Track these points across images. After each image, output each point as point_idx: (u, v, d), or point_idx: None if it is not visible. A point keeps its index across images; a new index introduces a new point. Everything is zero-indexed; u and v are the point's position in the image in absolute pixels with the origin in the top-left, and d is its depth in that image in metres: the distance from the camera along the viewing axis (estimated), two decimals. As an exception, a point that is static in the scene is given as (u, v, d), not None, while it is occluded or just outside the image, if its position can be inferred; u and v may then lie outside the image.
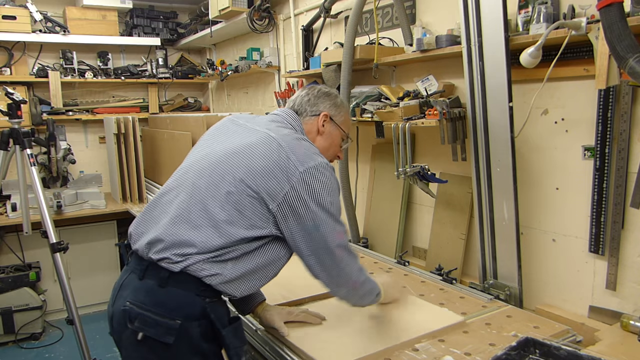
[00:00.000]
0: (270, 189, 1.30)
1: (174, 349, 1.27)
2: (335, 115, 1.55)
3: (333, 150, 1.58)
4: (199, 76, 4.81)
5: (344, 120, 1.58)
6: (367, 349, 1.44)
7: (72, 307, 2.65)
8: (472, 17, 1.83)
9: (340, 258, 1.37)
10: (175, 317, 1.27)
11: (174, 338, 1.26)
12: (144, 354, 1.30)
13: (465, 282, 2.06)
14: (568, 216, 1.84)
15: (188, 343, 1.29)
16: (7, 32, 3.86)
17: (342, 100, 1.60)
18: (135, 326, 1.28)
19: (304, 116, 1.54)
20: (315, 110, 1.54)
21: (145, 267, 1.34)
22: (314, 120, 1.53)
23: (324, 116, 1.53)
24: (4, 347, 3.59)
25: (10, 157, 2.82)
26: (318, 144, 1.52)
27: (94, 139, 4.62)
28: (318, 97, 1.55)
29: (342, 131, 1.57)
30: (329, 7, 2.88)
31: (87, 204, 3.89)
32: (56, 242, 2.64)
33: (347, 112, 1.61)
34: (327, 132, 1.54)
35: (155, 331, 1.27)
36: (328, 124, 1.54)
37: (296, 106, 1.56)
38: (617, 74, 1.55)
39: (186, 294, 1.30)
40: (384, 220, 2.66)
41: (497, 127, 1.83)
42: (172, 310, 1.28)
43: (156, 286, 1.31)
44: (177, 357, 1.29)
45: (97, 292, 4.17)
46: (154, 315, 1.28)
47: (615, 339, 1.54)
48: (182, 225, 1.32)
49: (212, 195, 1.33)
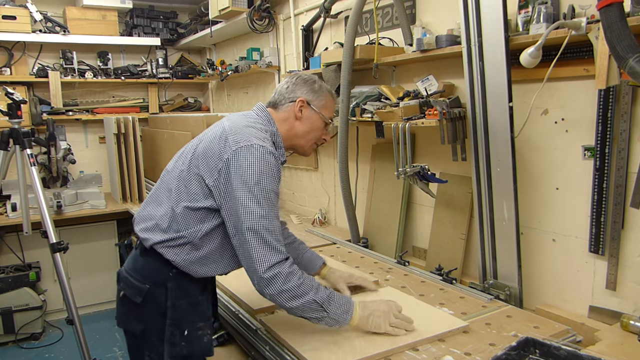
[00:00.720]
0: (208, 166, 1.44)
1: (142, 307, 1.51)
2: (313, 101, 1.59)
3: (314, 134, 1.62)
4: (199, 76, 4.81)
5: (324, 105, 1.60)
6: (367, 351, 1.44)
7: (72, 307, 2.65)
8: (472, 17, 1.83)
9: (248, 242, 1.37)
10: (145, 282, 1.51)
11: (142, 299, 1.50)
12: (124, 308, 1.58)
13: (465, 282, 2.06)
14: (568, 216, 1.84)
15: (154, 305, 1.51)
16: (7, 32, 3.87)
17: (321, 86, 1.62)
18: (120, 286, 1.58)
19: (282, 104, 1.59)
20: (292, 97, 1.58)
21: (138, 240, 1.59)
22: (290, 107, 1.58)
23: (300, 102, 1.57)
24: (4, 347, 3.60)
25: (10, 157, 2.82)
26: (297, 128, 1.59)
27: (94, 139, 4.62)
28: (296, 84, 1.60)
29: (321, 115, 1.60)
30: (329, 7, 2.88)
31: (87, 204, 3.89)
32: (56, 242, 2.64)
33: (328, 96, 1.62)
34: (305, 117, 1.59)
35: (131, 291, 1.53)
36: (305, 109, 1.58)
37: (276, 95, 1.63)
38: (617, 74, 1.55)
39: (156, 264, 1.51)
40: (384, 220, 2.66)
41: (497, 127, 1.83)
42: (144, 276, 1.52)
43: (139, 255, 1.57)
44: (144, 314, 1.52)
45: (97, 292, 4.17)
46: (131, 279, 1.54)
47: (615, 339, 1.54)
48: (150, 203, 1.58)
49: (171, 177, 1.54)
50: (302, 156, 1.72)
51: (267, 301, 1.78)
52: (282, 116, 1.59)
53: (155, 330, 1.51)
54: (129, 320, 1.57)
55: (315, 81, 1.62)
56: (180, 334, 1.50)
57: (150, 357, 1.53)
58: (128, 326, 1.58)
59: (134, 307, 1.52)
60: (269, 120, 1.57)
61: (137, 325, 1.54)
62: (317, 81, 1.62)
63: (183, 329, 1.50)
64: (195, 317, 1.53)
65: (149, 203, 1.59)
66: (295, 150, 1.66)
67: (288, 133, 1.59)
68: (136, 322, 1.54)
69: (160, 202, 1.54)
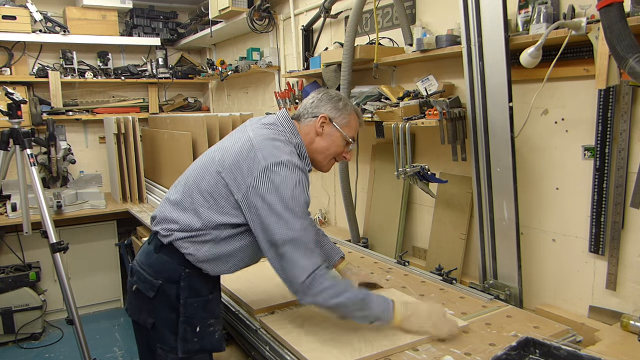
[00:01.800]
0: (237, 180, 1.47)
1: (154, 302, 1.56)
2: (335, 118, 1.60)
3: (334, 151, 1.62)
4: (199, 76, 4.80)
5: (347, 123, 1.61)
6: (367, 351, 1.44)
7: (72, 307, 2.64)
8: (472, 17, 1.83)
9: (288, 254, 1.41)
10: (159, 278, 1.55)
11: (154, 294, 1.54)
12: (136, 301, 1.63)
13: (465, 282, 2.06)
14: (568, 216, 1.84)
15: (166, 300, 1.55)
16: (7, 32, 3.86)
17: (346, 104, 1.62)
18: (134, 279, 1.62)
19: (305, 118, 1.62)
20: (316, 112, 1.60)
21: (152, 235, 1.63)
22: (313, 122, 1.60)
23: (322, 118, 1.58)
24: (4, 347, 3.59)
25: (10, 157, 2.82)
26: (317, 144, 1.61)
27: (94, 139, 4.62)
28: (321, 99, 1.62)
29: (342, 133, 1.60)
30: (329, 7, 2.88)
31: (87, 204, 3.89)
32: (56, 242, 2.64)
33: (352, 115, 1.63)
34: (326, 134, 1.60)
35: (144, 286, 1.57)
36: (327, 126, 1.59)
37: (301, 108, 1.65)
38: (617, 74, 1.55)
39: (170, 262, 1.54)
40: (384, 220, 2.66)
41: (497, 127, 1.83)
42: (157, 272, 1.56)
43: (152, 251, 1.59)
44: (156, 309, 1.56)
45: (97, 292, 4.17)
46: (145, 274, 1.58)
47: (615, 339, 1.54)
48: (174, 207, 1.58)
49: (197, 186, 1.55)
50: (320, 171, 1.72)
51: (267, 301, 1.79)
52: (305, 130, 1.61)
53: (167, 323, 1.55)
54: (141, 313, 1.61)
55: (342, 99, 1.63)
56: (192, 330, 1.54)
57: (162, 349, 1.57)
58: (139, 318, 1.62)
59: (147, 301, 1.57)
60: (292, 132, 1.58)
61: (148, 318, 1.58)
62: (343, 99, 1.63)
63: (195, 326, 1.55)
64: (206, 314, 1.57)
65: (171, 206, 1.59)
66: (313, 164, 1.66)
67: (308, 148, 1.61)
68: (148, 315, 1.58)
69: (184, 209, 1.55)
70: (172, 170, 3.83)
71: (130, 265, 1.67)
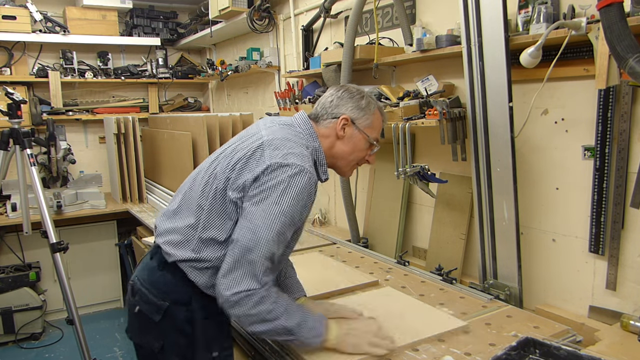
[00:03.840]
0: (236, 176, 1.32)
1: (160, 325, 1.40)
2: (358, 119, 1.44)
3: (356, 156, 1.49)
4: (199, 76, 4.81)
5: (370, 124, 1.46)
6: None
7: (72, 307, 2.65)
8: (472, 17, 1.83)
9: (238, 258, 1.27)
10: (165, 299, 1.40)
11: (160, 317, 1.39)
12: (138, 324, 1.47)
13: (465, 282, 2.06)
14: (568, 216, 1.84)
15: (172, 324, 1.40)
16: (7, 32, 3.87)
17: (369, 102, 1.47)
18: (135, 300, 1.46)
19: (324, 119, 1.46)
20: (336, 113, 1.44)
21: (155, 248, 1.49)
22: (333, 124, 1.44)
23: (343, 119, 1.43)
24: (4, 347, 3.60)
25: (10, 157, 2.82)
26: (338, 148, 1.46)
27: (94, 139, 4.62)
28: (341, 98, 1.45)
29: (365, 136, 1.45)
30: (329, 7, 2.88)
31: (87, 204, 3.90)
32: (56, 242, 2.64)
33: (376, 114, 1.48)
34: (347, 137, 1.45)
35: (148, 307, 1.42)
36: (349, 127, 1.44)
37: (319, 107, 1.49)
38: (617, 74, 1.55)
39: (176, 282, 1.40)
40: (384, 220, 2.66)
41: (497, 127, 1.83)
42: (164, 292, 1.40)
43: (156, 267, 1.44)
44: (161, 333, 1.41)
45: (97, 292, 4.17)
46: (149, 294, 1.42)
47: (615, 339, 1.54)
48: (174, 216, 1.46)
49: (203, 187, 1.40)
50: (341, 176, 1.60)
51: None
52: (324, 132, 1.45)
53: (175, 348, 1.42)
54: (145, 336, 1.46)
55: (364, 96, 1.46)
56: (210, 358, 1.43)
57: None
58: (143, 341, 1.48)
59: (152, 325, 1.42)
60: (311, 135, 1.43)
61: (154, 343, 1.43)
62: (365, 96, 1.47)
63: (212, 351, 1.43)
64: (223, 337, 1.47)
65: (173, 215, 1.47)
66: (334, 169, 1.53)
67: (328, 151, 1.46)
68: (154, 339, 1.43)
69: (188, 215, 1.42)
70: (172, 170, 3.84)
71: (130, 282, 1.52)
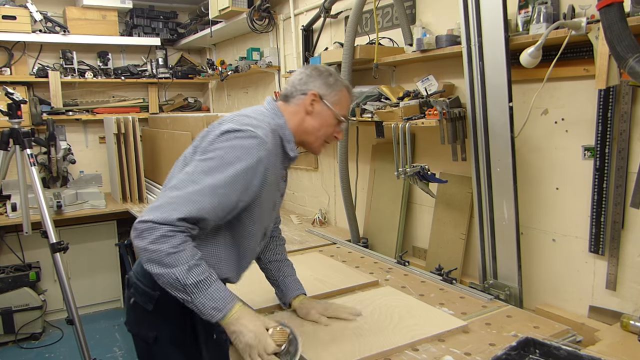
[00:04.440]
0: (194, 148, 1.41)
1: (153, 314, 1.46)
2: (326, 95, 1.48)
3: (325, 131, 1.51)
4: (199, 76, 4.80)
5: (338, 100, 1.49)
6: (367, 351, 1.44)
7: (72, 307, 2.65)
8: (472, 17, 1.83)
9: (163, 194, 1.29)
10: (156, 289, 1.41)
11: (152, 306, 1.45)
12: (134, 315, 1.53)
13: (465, 282, 2.06)
14: (568, 216, 1.84)
15: (166, 311, 1.45)
16: (7, 32, 3.86)
17: (337, 80, 1.50)
18: (131, 292, 1.52)
19: (293, 96, 1.49)
20: (304, 89, 1.48)
21: None
22: (302, 100, 1.48)
23: (311, 95, 1.47)
24: (4, 347, 3.59)
25: (10, 157, 2.82)
26: (307, 124, 1.49)
27: (94, 139, 4.62)
28: (310, 75, 1.49)
29: (333, 112, 1.48)
30: (329, 7, 2.88)
31: (87, 204, 3.89)
32: (56, 242, 2.64)
33: (343, 91, 1.51)
34: (316, 112, 1.48)
35: (141, 298, 1.47)
36: (317, 103, 1.48)
37: (288, 86, 1.53)
38: (617, 74, 1.55)
39: None
40: (384, 220, 2.66)
41: (497, 127, 1.83)
42: (154, 282, 1.35)
43: None
44: (155, 322, 1.47)
45: (97, 292, 4.17)
46: (141, 285, 1.47)
47: (615, 339, 1.54)
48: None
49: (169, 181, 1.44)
50: (312, 153, 1.63)
51: (267, 301, 1.79)
52: (293, 109, 1.48)
53: (168, 336, 1.47)
54: (141, 327, 1.51)
55: (332, 74, 1.50)
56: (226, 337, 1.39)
57: None
58: (139, 332, 1.53)
59: (146, 314, 1.47)
60: (275, 113, 1.47)
61: (149, 332, 1.48)
62: (333, 74, 1.51)
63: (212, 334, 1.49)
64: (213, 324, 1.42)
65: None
66: (305, 146, 1.55)
67: (298, 128, 1.48)
68: (148, 329, 1.49)
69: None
70: (172, 170, 3.82)
71: (127, 276, 1.58)
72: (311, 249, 2.58)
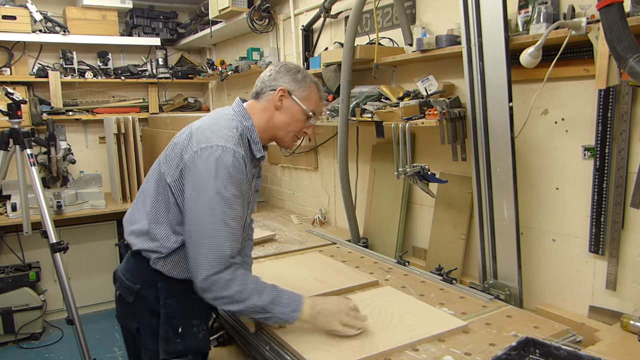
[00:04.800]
0: (169, 165, 1.47)
1: (134, 306, 1.55)
2: (294, 91, 1.54)
3: (294, 126, 1.57)
4: (199, 76, 4.80)
5: (306, 96, 1.55)
6: (367, 351, 1.44)
7: (72, 307, 2.65)
8: (472, 17, 1.83)
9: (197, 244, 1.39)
10: (136, 282, 1.54)
11: (133, 298, 1.54)
12: (120, 307, 1.64)
13: (465, 282, 2.06)
14: (568, 216, 1.84)
15: (145, 304, 1.54)
16: (7, 32, 3.86)
17: (305, 76, 1.57)
18: (116, 286, 1.64)
19: (263, 92, 1.56)
20: (274, 85, 1.54)
21: None
22: (271, 96, 1.54)
23: (280, 91, 1.52)
24: (4, 347, 3.60)
25: (10, 157, 2.82)
26: (277, 119, 1.55)
27: (94, 139, 4.62)
28: (279, 72, 1.55)
29: (302, 107, 1.54)
30: (329, 7, 2.88)
31: (87, 204, 3.89)
32: (56, 242, 2.64)
33: (312, 87, 1.57)
34: (285, 108, 1.54)
35: (124, 291, 1.58)
36: (286, 99, 1.54)
37: (259, 82, 1.59)
38: (617, 74, 1.55)
39: (146, 266, 1.53)
40: (384, 220, 2.66)
41: (497, 127, 1.83)
42: (135, 276, 1.55)
43: (130, 256, 1.60)
44: (136, 313, 1.56)
45: (97, 292, 4.17)
46: (124, 279, 1.58)
47: (615, 339, 1.54)
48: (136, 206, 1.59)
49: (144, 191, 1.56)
50: (284, 147, 1.70)
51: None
52: (263, 105, 1.55)
53: (148, 328, 1.55)
54: (125, 318, 1.63)
55: (300, 70, 1.57)
56: (173, 331, 1.52)
57: (146, 355, 1.57)
58: (125, 323, 1.64)
59: (128, 306, 1.57)
60: (243, 116, 1.53)
61: (131, 323, 1.59)
62: (302, 71, 1.57)
63: (176, 326, 1.52)
64: (188, 315, 1.55)
65: (136, 205, 1.60)
66: (275, 140, 1.61)
67: (267, 123, 1.55)
68: (130, 320, 1.59)
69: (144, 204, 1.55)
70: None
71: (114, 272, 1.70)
72: (311, 249, 2.58)
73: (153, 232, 1.50)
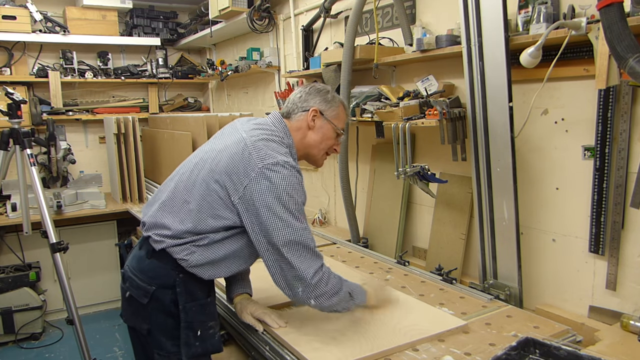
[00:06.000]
0: (233, 182, 1.46)
1: (148, 308, 1.54)
2: (325, 110, 1.62)
3: (326, 144, 1.65)
4: (199, 76, 4.80)
5: (336, 115, 1.64)
6: (367, 351, 1.44)
7: (72, 307, 2.64)
8: (472, 17, 1.83)
9: (289, 255, 1.42)
10: (152, 284, 1.53)
11: (148, 300, 1.53)
12: (130, 308, 1.61)
13: (465, 282, 2.06)
14: (568, 216, 1.84)
15: (160, 306, 1.54)
16: (7, 32, 3.86)
17: (334, 96, 1.66)
18: (126, 286, 1.61)
19: (295, 113, 1.63)
20: (306, 106, 1.62)
21: (143, 240, 1.61)
22: (304, 116, 1.62)
23: (313, 111, 1.61)
24: (4, 347, 3.59)
25: (10, 157, 2.82)
26: (310, 138, 1.63)
27: (94, 139, 4.62)
28: (309, 93, 1.64)
29: (333, 125, 1.63)
30: (329, 7, 2.88)
31: (87, 204, 3.89)
32: (56, 242, 2.64)
33: (340, 107, 1.66)
34: (317, 127, 1.62)
35: (137, 292, 1.55)
36: (318, 119, 1.62)
37: (289, 104, 1.66)
38: (617, 74, 1.55)
39: (163, 267, 1.53)
40: (384, 220, 2.66)
41: (497, 127, 1.83)
42: (151, 278, 1.54)
43: (144, 256, 1.57)
44: (150, 315, 1.55)
45: (97, 292, 4.17)
46: (137, 280, 1.56)
47: (615, 339, 1.54)
48: (163, 210, 1.56)
49: (189, 188, 1.53)
50: (315, 166, 1.75)
51: (267, 301, 1.79)
52: (296, 125, 1.62)
53: (163, 329, 1.55)
54: (136, 319, 1.60)
55: (329, 91, 1.65)
56: (194, 335, 1.53)
57: (159, 355, 1.57)
58: (135, 324, 1.62)
59: (141, 308, 1.56)
60: (286, 133, 1.60)
61: (142, 325, 1.58)
62: (330, 91, 1.66)
63: (196, 330, 1.54)
64: (206, 318, 1.57)
65: (161, 209, 1.57)
66: (308, 159, 1.69)
67: (301, 143, 1.63)
68: (143, 321, 1.58)
69: (174, 212, 1.53)
70: (172, 170, 3.79)
71: (122, 271, 1.67)
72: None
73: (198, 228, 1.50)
